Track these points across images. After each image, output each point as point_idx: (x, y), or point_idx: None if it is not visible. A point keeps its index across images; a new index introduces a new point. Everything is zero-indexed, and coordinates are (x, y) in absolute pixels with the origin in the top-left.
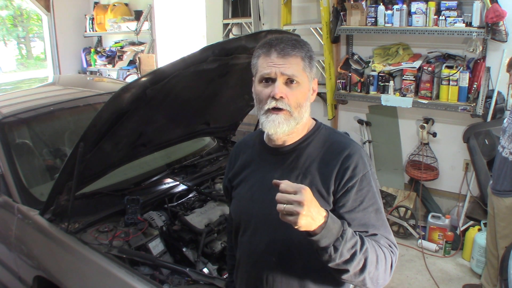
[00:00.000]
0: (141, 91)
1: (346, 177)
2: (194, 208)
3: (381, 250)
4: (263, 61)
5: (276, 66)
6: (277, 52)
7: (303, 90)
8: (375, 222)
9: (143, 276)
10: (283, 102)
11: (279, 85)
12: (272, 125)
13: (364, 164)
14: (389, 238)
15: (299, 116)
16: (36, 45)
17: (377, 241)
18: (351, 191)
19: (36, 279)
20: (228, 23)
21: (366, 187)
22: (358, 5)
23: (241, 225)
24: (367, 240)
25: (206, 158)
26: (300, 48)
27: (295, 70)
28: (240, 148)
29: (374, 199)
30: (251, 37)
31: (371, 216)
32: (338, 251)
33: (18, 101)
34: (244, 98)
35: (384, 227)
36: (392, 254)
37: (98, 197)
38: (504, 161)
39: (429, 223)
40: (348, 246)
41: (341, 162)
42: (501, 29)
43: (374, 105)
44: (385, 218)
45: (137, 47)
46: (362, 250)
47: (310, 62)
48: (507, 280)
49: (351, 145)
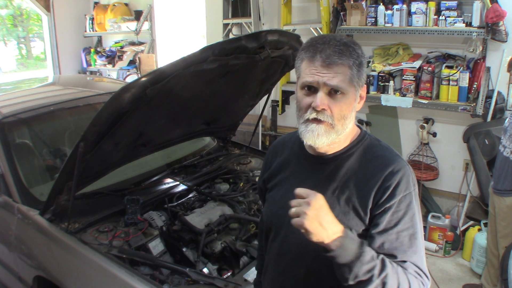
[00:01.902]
0: (141, 91)
1: (385, 196)
2: (194, 208)
3: (406, 277)
4: (306, 66)
5: (320, 75)
6: (322, 60)
7: (348, 101)
8: (407, 248)
9: (143, 276)
10: (324, 114)
11: (321, 96)
12: (311, 136)
13: (408, 184)
14: (420, 267)
15: (342, 128)
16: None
17: (405, 269)
18: (388, 212)
19: (36, 279)
20: (228, 23)
21: (404, 209)
22: (358, 5)
23: (272, 230)
24: (391, 265)
25: (206, 158)
26: (348, 56)
27: (340, 81)
28: (278, 149)
29: (411, 223)
30: (251, 37)
31: (404, 240)
32: (352, 272)
33: (18, 101)
34: (244, 98)
35: (417, 255)
36: (422, 285)
37: (98, 197)
38: (505, 160)
39: (429, 223)
40: (364, 269)
41: (382, 180)
42: (501, 29)
43: (374, 105)
44: (420, 245)
45: (137, 47)
46: (381, 275)
47: (359, 70)
48: (507, 280)
49: (396, 162)
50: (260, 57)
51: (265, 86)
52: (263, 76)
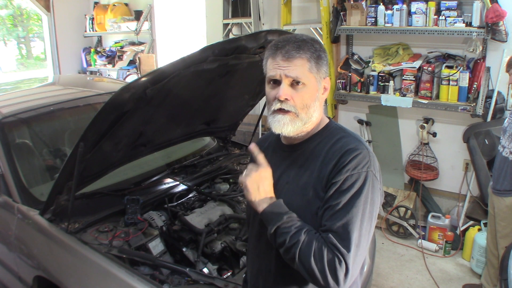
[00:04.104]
0: (141, 91)
1: (334, 173)
2: (194, 208)
3: (315, 247)
4: (269, 63)
5: (281, 68)
6: (282, 55)
7: (309, 90)
8: (337, 221)
9: (143, 276)
10: (288, 104)
11: (284, 87)
12: (278, 125)
13: (359, 164)
14: (343, 244)
15: (307, 117)
16: (36, 45)
17: (323, 238)
18: (332, 188)
19: (36, 279)
20: (228, 23)
21: (347, 187)
22: (358, 5)
23: (251, 215)
24: (305, 235)
25: (206, 158)
26: (306, 50)
27: (299, 72)
28: (261, 142)
29: (351, 203)
30: (251, 37)
31: (337, 215)
32: (271, 232)
33: (18, 101)
34: (244, 98)
35: (347, 235)
36: (338, 261)
37: (98, 197)
38: (504, 160)
39: (429, 223)
40: (279, 232)
41: (337, 159)
42: (501, 29)
43: (374, 105)
44: (354, 228)
45: (137, 47)
46: (292, 240)
47: (318, 62)
48: (507, 280)
49: (354, 144)
50: (260, 57)
51: (265, 86)
52: (263, 76)
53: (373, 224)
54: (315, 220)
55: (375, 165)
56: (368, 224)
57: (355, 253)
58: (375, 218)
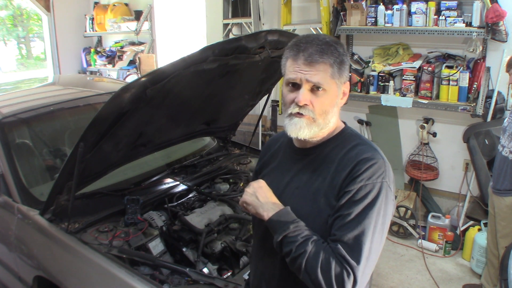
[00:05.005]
0: (141, 91)
1: (347, 182)
2: (194, 208)
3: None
4: (290, 64)
5: (302, 72)
6: (304, 58)
7: (329, 97)
8: (348, 232)
9: (143, 276)
10: (306, 109)
11: (304, 92)
12: (294, 129)
13: (374, 174)
14: (351, 256)
15: (324, 123)
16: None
17: (332, 249)
18: (345, 197)
19: (36, 279)
20: (228, 23)
21: (360, 197)
22: (358, 5)
23: (256, 218)
24: (312, 245)
25: (206, 158)
26: (329, 54)
27: (321, 78)
28: (272, 143)
29: (364, 214)
30: (251, 37)
31: (348, 226)
32: (277, 241)
33: (18, 101)
34: (244, 98)
35: (358, 248)
36: (346, 273)
37: (98, 197)
38: (504, 160)
39: (429, 223)
40: (286, 241)
41: (351, 167)
42: (501, 29)
43: (374, 105)
44: (366, 241)
45: (137, 47)
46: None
47: (340, 67)
48: (507, 280)
49: (370, 153)
50: (260, 57)
51: (265, 86)
52: (263, 76)
53: (383, 237)
54: (324, 228)
55: (389, 176)
56: (379, 237)
57: (364, 266)
58: (387, 230)
